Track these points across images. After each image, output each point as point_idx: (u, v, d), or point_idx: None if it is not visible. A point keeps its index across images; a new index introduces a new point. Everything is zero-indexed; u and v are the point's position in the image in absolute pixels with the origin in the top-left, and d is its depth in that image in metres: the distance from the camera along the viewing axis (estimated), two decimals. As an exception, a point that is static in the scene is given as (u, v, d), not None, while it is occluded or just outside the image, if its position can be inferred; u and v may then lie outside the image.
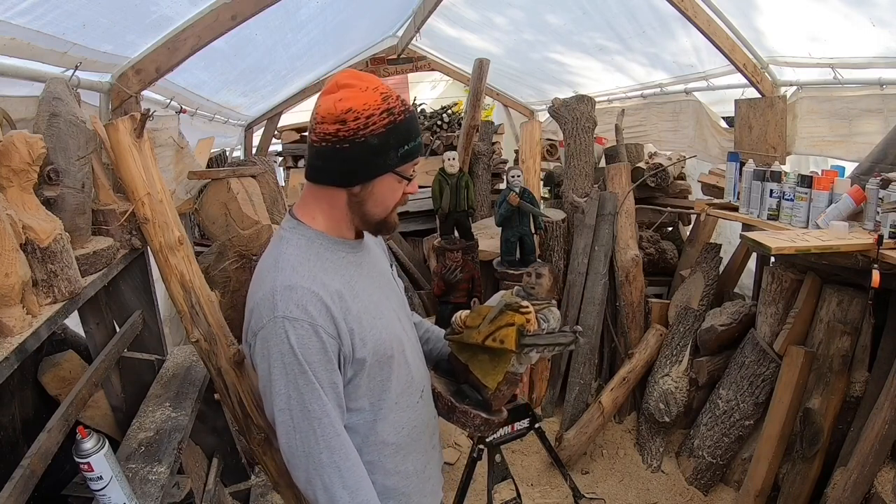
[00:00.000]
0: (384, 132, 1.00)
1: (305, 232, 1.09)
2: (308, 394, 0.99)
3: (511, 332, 1.18)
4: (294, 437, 1.01)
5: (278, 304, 0.98)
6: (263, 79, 3.97)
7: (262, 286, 1.03)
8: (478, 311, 1.26)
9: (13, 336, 1.04)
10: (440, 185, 3.40)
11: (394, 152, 1.03)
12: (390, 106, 1.01)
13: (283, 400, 1.00)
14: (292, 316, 0.97)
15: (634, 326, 3.29)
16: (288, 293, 0.99)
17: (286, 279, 1.00)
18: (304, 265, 1.03)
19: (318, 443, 1.01)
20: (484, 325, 1.21)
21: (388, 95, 1.02)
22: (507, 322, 1.19)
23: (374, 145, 1.00)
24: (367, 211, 1.08)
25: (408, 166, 1.07)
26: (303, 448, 1.01)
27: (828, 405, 2.30)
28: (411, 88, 10.52)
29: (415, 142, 1.06)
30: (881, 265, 1.88)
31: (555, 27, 3.84)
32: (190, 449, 1.91)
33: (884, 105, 2.30)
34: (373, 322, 1.08)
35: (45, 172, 1.30)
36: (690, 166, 4.16)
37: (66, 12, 1.46)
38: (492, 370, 1.24)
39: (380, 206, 1.08)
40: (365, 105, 0.99)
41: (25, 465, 1.10)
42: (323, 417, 1.00)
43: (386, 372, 1.11)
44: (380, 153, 1.01)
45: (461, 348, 1.28)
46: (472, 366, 1.26)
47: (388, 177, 1.05)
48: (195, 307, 1.73)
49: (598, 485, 2.86)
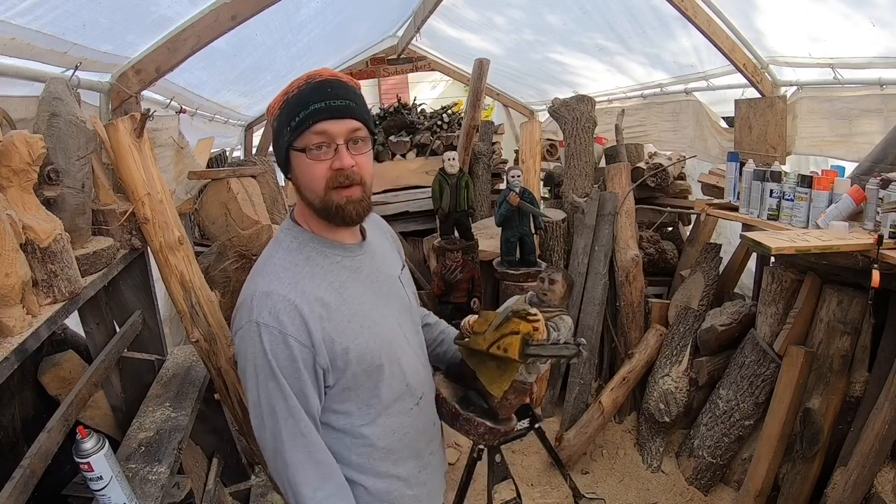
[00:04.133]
0: (279, 113, 1.03)
1: (299, 235, 1.10)
2: (276, 396, 1.01)
3: (515, 341, 1.14)
4: (263, 433, 1.04)
5: (254, 308, 1.01)
6: (263, 79, 3.96)
7: (247, 287, 1.06)
8: (485, 317, 1.22)
9: (13, 336, 1.04)
10: (440, 185, 3.39)
11: (287, 129, 1.01)
12: (288, 89, 1.02)
13: (254, 396, 1.03)
14: (264, 322, 0.99)
15: (634, 326, 3.29)
16: (264, 299, 1.01)
17: (266, 284, 1.03)
18: (288, 271, 1.05)
19: (284, 441, 1.03)
20: (489, 332, 1.17)
21: (298, 78, 1.02)
22: (512, 330, 1.16)
23: (276, 129, 1.05)
24: (305, 197, 1.06)
25: (305, 137, 0.99)
26: (272, 444, 1.04)
27: (828, 405, 2.30)
28: (411, 88, 10.53)
29: (306, 110, 0.98)
30: (881, 265, 1.88)
31: (555, 27, 3.83)
32: (190, 449, 1.91)
33: (884, 105, 2.30)
34: (359, 330, 1.06)
35: (45, 172, 1.30)
36: (690, 166, 4.16)
37: (66, 12, 1.46)
38: (498, 378, 1.19)
39: (308, 189, 1.04)
40: (279, 94, 1.04)
41: (25, 465, 1.10)
42: (289, 419, 1.02)
43: (374, 380, 1.09)
44: (280, 135, 1.04)
45: (470, 353, 1.24)
46: (480, 372, 1.21)
47: (296, 156, 1.02)
48: (195, 307, 1.73)
49: (598, 485, 2.86)
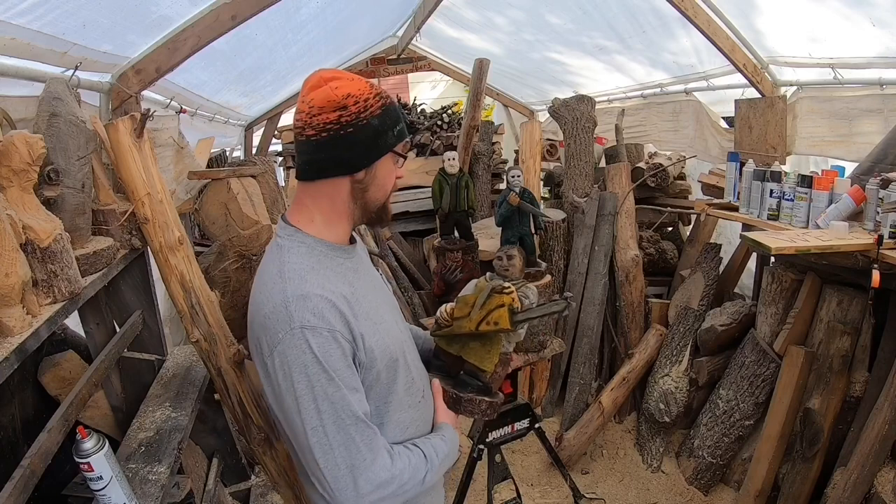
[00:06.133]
0: (381, 113, 1.03)
1: (304, 239, 1.07)
2: (339, 402, 0.96)
3: (503, 313, 1.24)
4: (332, 456, 0.96)
5: (294, 314, 0.95)
6: (263, 79, 3.97)
7: (269, 299, 0.99)
8: (464, 301, 1.29)
9: (13, 336, 1.04)
10: (440, 185, 3.39)
11: (391, 132, 1.06)
12: (379, 90, 1.05)
13: (314, 417, 0.95)
14: (310, 325, 0.95)
15: (634, 326, 3.29)
16: (302, 302, 0.96)
17: (297, 288, 0.98)
18: (311, 273, 1.02)
19: (361, 449, 0.97)
20: (475, 312, 1.25)
21: (371, 82, 1.06)
22: (497, 304, 1.24)
23: (375, 126, 1.03)
24: (369, 197, 1.09)
25: (403, 145, 1.10)
26: (346, 461, 0.96)
27: (828, 405, 2.30)
28: (411, 88, 10.53)
29: (403, 121, 1.10)
30: (881, 265, 1.88)
31: (555, 27, 3.83)
32: (190, 449, 1.91)
33: (884, 105, 2.30)
34: (375, 327, 1.08)
35: (45, 172, 1.30)
36: (690, 166, 4.16)
37: (66, 12, 1.46)
38: (486, 354, 1.29)
39: (381, 190, 1.10)
40: (360, 90, 1.02)
41: (25, 465, 1.10)
42: (358, 423, 0.98)
43: (392, 375, 1.11)
44: (380, 134, 1.04)
45: (450, 341, 1.31)
46: (466, 354, 1.29)
47: (387, 157, 1.08)
48: (195, 307, 1.73)
49: (598, 485, 2.87)
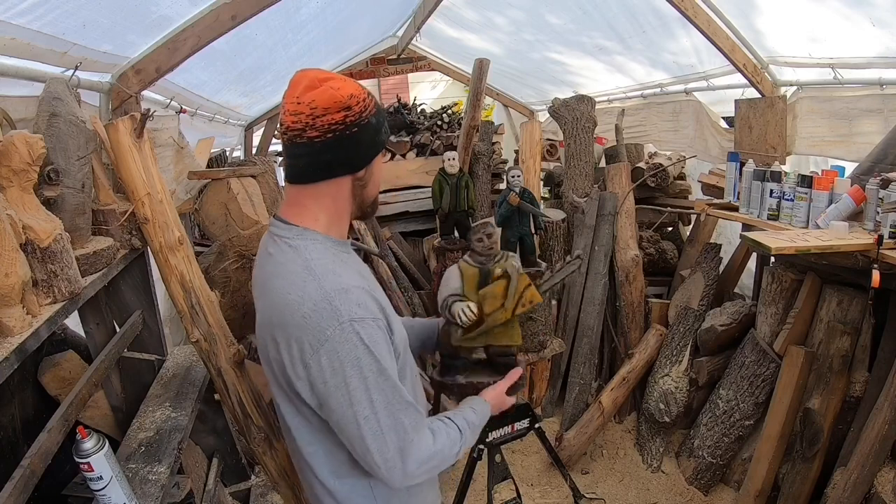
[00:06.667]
0: (376, 111, 1.06)
1: (316, 237, 1.06)
2: (389, 389, 1.00)
3: (532, 290, 1.44)
4: (384, 441, 0.99)
5: (340, 308, 0.95)
6: (263, 79, 3.96)
7: (307, 296, 0.97)
8: (492, 295, 1.43)
9: (13, 336, 1.04)
10: (440, 185, 3.39)
11: (384, 128, 1.10)
12: (368, 93, 1.07)
13: (367, 407, 0.98)
14: (358, 316, 0.96)
15: (634, 326, 3.29)
16: (345, 295, 0.97)
17: (334, 283, 0.98)
18: (339, 267, 1.03)
19: (408, 432, 1.02)
20: (509, 302, 1.43)
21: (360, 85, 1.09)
22: (525, 284, 1.44)
23: (375, 125, 1.06)
24: (367, 193, 1.13)
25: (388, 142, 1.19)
26: (396, 445, 1.01)
27: (828, 405, 2.30)
28: (411, 88, 10.51)
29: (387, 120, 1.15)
30: (881, 265, 1.88)
31: (555, 27, 3.83)
32: (190, 449, 1.91)
33: (884, 105, 2.30)
34: (394, 316, 1.11)
35: (45, 172, 1.30)
36: (690, 166, 4.16)
37: (66, 12, 1.46)
38: (511, 331, 1.49)
39: (375, 185, 1.14)
40: (357, 90, 1.04)
41: (25, 465, 1.10)
42: (407, 407, 1.02)
43: (402, 362, 1.14)
44: (378, 132, 1.07)
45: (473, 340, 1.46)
46: (495, 340, 1.49)
47: (379, 156, 1.12)
48: (195, 307, 1.73)
49: (598, 485, 2.86)
